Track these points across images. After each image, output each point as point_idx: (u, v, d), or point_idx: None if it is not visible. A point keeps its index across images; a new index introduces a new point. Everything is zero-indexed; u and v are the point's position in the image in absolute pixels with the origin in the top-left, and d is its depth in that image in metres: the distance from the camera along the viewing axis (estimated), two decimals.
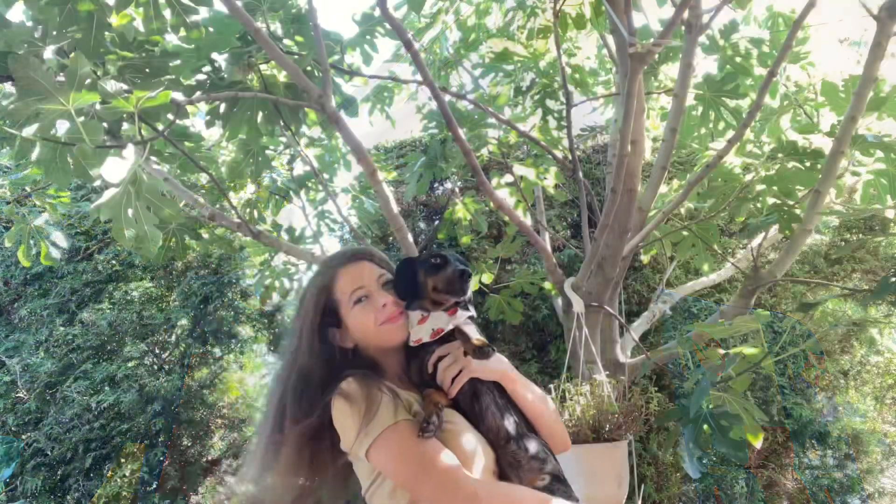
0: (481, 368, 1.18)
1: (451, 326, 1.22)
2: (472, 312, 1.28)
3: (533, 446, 1.15)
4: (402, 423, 1.10)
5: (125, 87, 1.49)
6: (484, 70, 3.50)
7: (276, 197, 3.27)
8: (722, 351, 1.65)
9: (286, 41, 2.40)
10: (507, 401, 1.20)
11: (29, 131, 1.40)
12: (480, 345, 1.16)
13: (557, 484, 1.12)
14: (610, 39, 3.27)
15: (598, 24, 3.29)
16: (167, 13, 2.04)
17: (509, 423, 1.16)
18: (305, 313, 1.25)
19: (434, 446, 1.08)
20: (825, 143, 2.35)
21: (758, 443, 1.64)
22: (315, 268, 1.36)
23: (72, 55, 1.37)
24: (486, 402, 1.17)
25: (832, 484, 4.27)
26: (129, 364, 5.03)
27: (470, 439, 1.13)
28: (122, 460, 4.83)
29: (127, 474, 4.74)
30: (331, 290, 1.26)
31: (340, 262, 1.29)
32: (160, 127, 1.92)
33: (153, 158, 2.43)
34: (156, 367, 5.29)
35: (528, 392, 1.23)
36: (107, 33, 1.89)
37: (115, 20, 1.93)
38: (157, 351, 5.37)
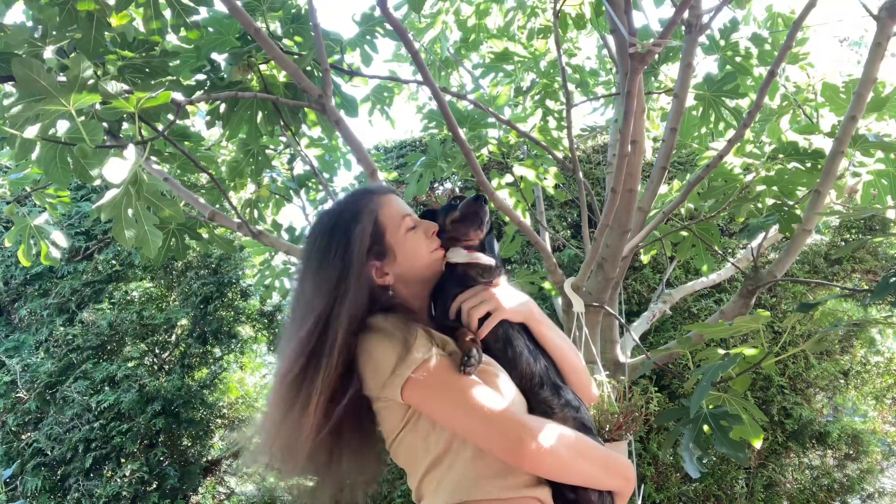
0: (511, 310, 1.11)
1: (468, 259, 1.16)
2: (493, 260, 1.20)
3: (565, 392, 1.11)
4: (440, 357, 1.03)
5: (125, 87, 1.49)
6: (484, 70, 3.50)
7: (277, 197, 3.27)
8: (722, 351, 1.65)
9: (286, 41, 2.40)
10: (536, 345, 1.15)
11: (31, 132, 1.40)
12: (490, 265, 1.12)
13: (589, 434, 1.08)
14: (610, 39, 3.27)
15: (598, 24, 3.29)
16: (167, 13, 2.04)
17: (541, 369, 1.11)
18: (353, 239, 1.07)
19: (475, 381, 1.02)
20: (825, 144, 2.35)
21: (758, 443, 1.64)
22: (340, 202, 1.19)
23: (72, 56, 1.37)
24: (519, 347, 1.11)
25: (832, 484, 4.27)
26: (129, 364, 5.04)
27: (507, 382, 1.07)
28: (122, 460, 4.83)
29: (127, 474, 4.74)
30: (376, 216, 1.13)
31: (378, 191, 1.18)
32: (160, 127, 1.92)
33: (153, 158, 2.43)
34: (156, 367, 5.29)
35: (555, 335, 1.17)
36: (107, 33, 1.89)
37: (114, 20, 1.93)
38: (157, 351, 5.37)
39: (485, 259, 1.16)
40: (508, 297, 1.12)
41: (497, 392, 1.02)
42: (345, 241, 1.08)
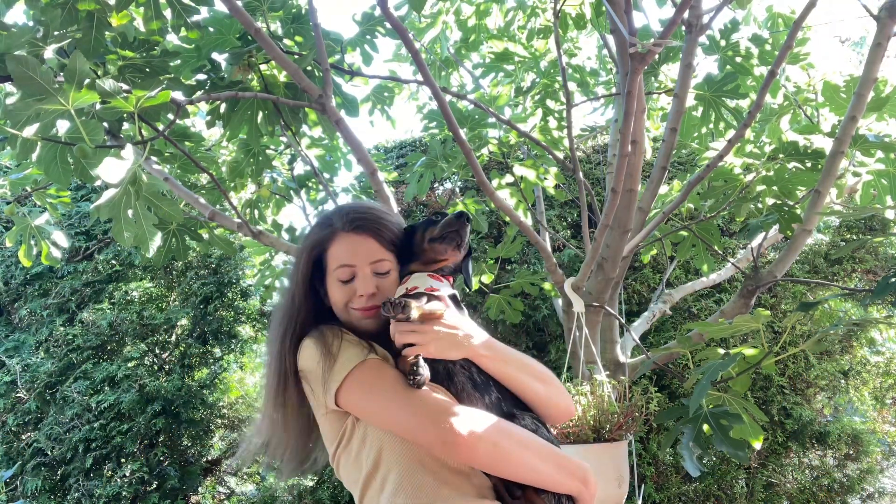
0: (439, 352, 1.06)
1: (425, 288, 1.11)
2: (454, 291, 1.17)
3: (521, 419, 1.08)
4: (372, 360, 1.05)
5: (125, 86, 1.49)
6: (484, 70, 3.50)
7: (277, 197, 3.27)
8: (722, 351, 1.65)
9: (286, 41, 2.40)
10: (487, 377, 1.11)
11: (30, 131, 1.40)
12: (391, 301, 1.05)
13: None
14: (610, 39, 3.27)
15: (598, 25, 3.29)
16: (167, 13, 2.04)
17: (491, 401, 1.08)
18: (297, 262, 1.19)
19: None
20: (826, 144, 2.35)
21: (758, 443, 1.64)
22: (321, 214, 1.25)
23: (72, 55, 1.37)
24: (460, 383, 1.09)
25: (832, 484, 4.27)
26: (129, 364, 5.04)
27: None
28: (122, 460, 4.83)
29: (127, 474, 4.73)
30: (325, 248, 1.16)
31: (345, 224, 1.15)
32: (160, 127, 1.92)
33: (153, 158, 2.43)
34: (156, 367, 5.29)
35: (503, 366, 1.12)
36: (107, 33, 1.89)
37: (114, 20, 1.93)
38: (157, 351, 5.37)
39: (431, 307, 1.08)
40: (442, 333, 1.06)
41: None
42: (295, 270, 1.20)
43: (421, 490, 0.98)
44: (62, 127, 1.45)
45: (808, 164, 2.34)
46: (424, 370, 1.02)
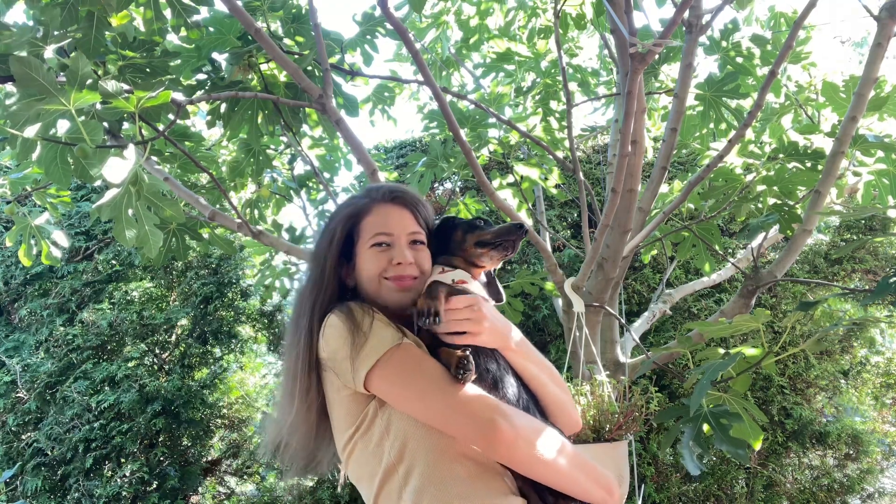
0: (490, 341, 1.05)
1: (473, 283, 1.12)
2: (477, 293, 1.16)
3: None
4: (407, 343, 1.00)
5: (126, 86, 1.49)
6: (485, 70, 3.50)
7: (277, 196, 3.28)
8: (722, 351, 1.65)
9: (287, 41, 2.40)
10: (518, 379, 1.10)
11: (30, 132, 1.40)
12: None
13: None
14: (611, 39, 3.27)
15: (598, 25, 3.29)
16: (167, 13, 2.04)
17: (522, 405, 1.07)
18: (330, 233, 1.14)
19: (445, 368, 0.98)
20: (826, 144, 2.35)
21: (757, 444, 1.64)
22: (353, 194, 1.26)
23: (72, 55, 1.37)
24: (508, 383, 1.06)
25: (832, 484, 4.27)
26: (129, 364, 5.03)
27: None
28: (123, 460, 4.83)
29: (127, 474, 4.73)
30: (359, 219, 1.14)
31: (382, 197, 1.16)
32: (161, 127, 1.92)
33: (154, 158, 2.43)
34: (156, 367, 5.29)
35: (534, 366, 1.12)
36: (107, 33, 1.89)
37: (114, 20, 1.93)
38: (157, 351, 5.37)
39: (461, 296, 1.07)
40: (489, 323, 1.06)
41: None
42: (326, 244, 1.15)
43: (449, 485, 0.93)
44: (62, 127, 1.45)
45: (809, 164, 2.35)
46: (473, 365, 0.98)
